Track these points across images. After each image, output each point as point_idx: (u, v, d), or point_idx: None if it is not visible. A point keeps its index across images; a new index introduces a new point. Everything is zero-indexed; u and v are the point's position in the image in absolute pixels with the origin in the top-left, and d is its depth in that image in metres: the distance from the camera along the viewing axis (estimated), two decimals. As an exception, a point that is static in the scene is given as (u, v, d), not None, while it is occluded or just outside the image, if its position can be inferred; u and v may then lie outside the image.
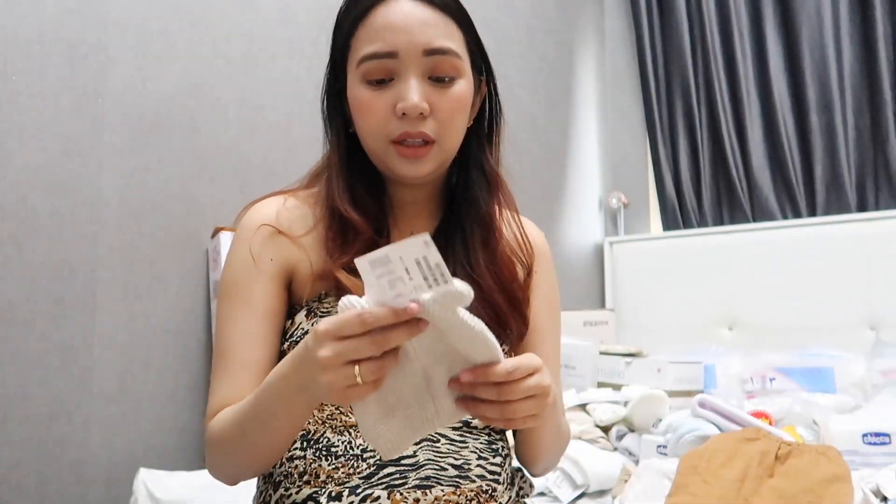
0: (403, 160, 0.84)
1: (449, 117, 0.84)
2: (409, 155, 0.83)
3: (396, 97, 0.82)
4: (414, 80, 0.82)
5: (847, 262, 2.36)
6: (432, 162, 0.85)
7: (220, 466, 0.84)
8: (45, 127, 1.53)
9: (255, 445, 0.77)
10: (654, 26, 2.99)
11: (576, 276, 2.85)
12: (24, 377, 1.48)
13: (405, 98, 0.81)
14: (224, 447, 0.81)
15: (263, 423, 0.74)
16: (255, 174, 1.86)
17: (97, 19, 1.63)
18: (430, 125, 0.83)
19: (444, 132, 0.84)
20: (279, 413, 0.72)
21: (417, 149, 0.83)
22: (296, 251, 0.87)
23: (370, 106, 0.83)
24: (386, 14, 0.83)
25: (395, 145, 0.83)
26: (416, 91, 0.82)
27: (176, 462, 1.65)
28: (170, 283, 1.71)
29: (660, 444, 1.58)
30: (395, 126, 0.83)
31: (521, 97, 2.72)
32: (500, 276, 0.90)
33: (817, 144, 2.57)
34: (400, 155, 0.84)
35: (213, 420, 0.83)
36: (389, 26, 0.82)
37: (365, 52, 0.83)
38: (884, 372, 1.87)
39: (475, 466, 0.84)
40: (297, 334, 0.85)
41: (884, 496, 1.24)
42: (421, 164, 0.84)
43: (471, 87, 0.88)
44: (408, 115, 0.82)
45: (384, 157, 0.85)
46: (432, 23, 0.83)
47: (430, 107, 0.82)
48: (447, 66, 0.84)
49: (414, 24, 0.82)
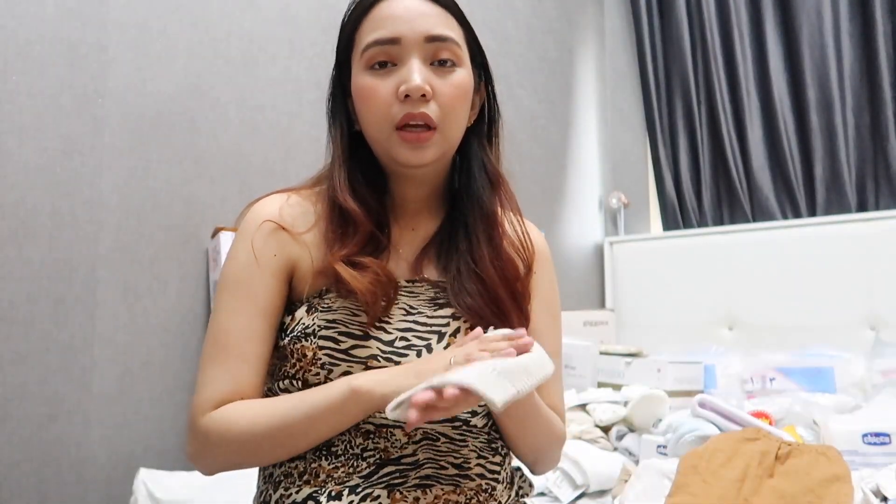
0: (406, 146, 0.85)
1: (450, 102, 0.86)
2: (412, 139, 0.85)
3: (399, 81, 0.85)
4: (416, 62, 0.85)
5: (847, 262, 2.36)
6: (434, 149, 0.86)
7: (213, 458, 0.83)
8: (45, 127, 1.54)
9: (293, 445, 0.81)
10: (654, 26, 2.99)
11: (576, 276, 2.85)
12: (24, 377, 1.48)
13: (408, 80, 0.84)
14: (245, 442, 0.80)
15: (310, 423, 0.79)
16: (255, 174, 1.86)
17: (97, 19, 1.63)
18: (432, 108, 0.85)
19: (445, 118, 0.86)
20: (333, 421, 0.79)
21: (420, 133, 0.85)
22: (297, 247, 0.88)
23: (373, 91, 0.86)
24: (389, 6, 0.87)
25: (399, 132, 0.85)
26: (419, 73, 0.84)
27: (176, 462, 1.65)
28: (170, 283, 1.71)
29: (660, 444, 1.58)
30: (397, 109, 0.84)
31: (521, 97, 2.72)
32: (503, 271, 0.91)
33: (817, 144, 2.57)
34: (403, 140, 0.85)
35: (218, 413, 0.82)
36: (392, 16, 0.86)
37: (368, 39, 0.86)
38: (884, 372, 1.87)
39: (475, 465, 0.84)
40: (298, 330, 0.85)
41: (884, 496, 1.24)
42: (423, 151, 0.86)
43: (471, 78, 0.90)
44: (411, 96, 0.84)
45: (387, 145, 0.87)
46: (433, 14, 0.87)
47: (433, 90, 0.85)
48: (448, 52, 0.87)
49: (416, 14, 0.86)
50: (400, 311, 0.86)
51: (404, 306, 0.87)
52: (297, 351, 0.84)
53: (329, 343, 0.83)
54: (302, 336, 0.84)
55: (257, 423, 0.80)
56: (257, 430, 0.80)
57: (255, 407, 0.82)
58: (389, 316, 0.85)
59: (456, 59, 0.87)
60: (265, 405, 0.82)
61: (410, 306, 0.87)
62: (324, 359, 0.83)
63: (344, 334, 0.83)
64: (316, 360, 0.83)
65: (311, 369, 0.83)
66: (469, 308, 0.87)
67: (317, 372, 0.83)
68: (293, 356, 0.85)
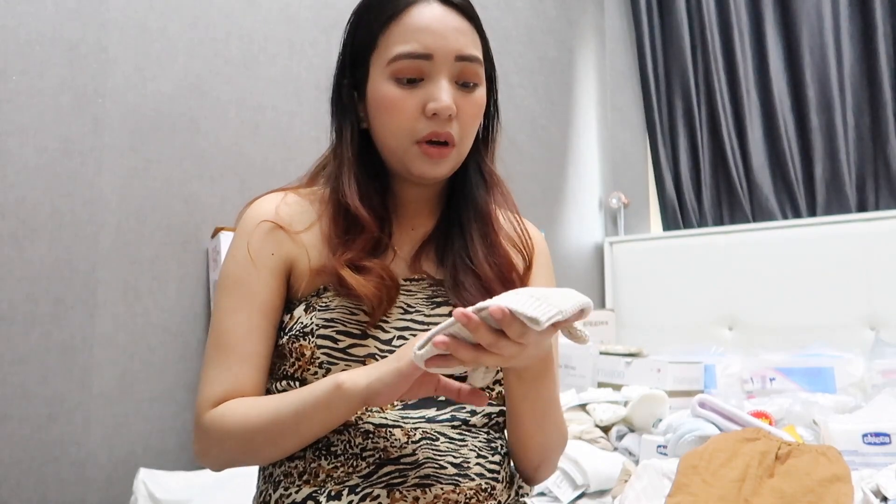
0: (426, 160, 0.86)
1: (470, 122, 0.88)
2: (435, 155, 0.85)
3: (427, 97, 0.85)
4: (445, 82, 0.85)
5: (847, 262, 2.36)
6: (450, 164, 0.88)
7: (215, 454, 0.85)
8: (45, 127, 1.54)
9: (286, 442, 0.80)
10: (654, 26, 2.99)
11: (576, 276, 2.85)
12: (24, 377, 1.48)
13: (438, 99, 0.84)
14: (238, 437, 0.81)
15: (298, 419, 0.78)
16: (255, 174, 1.86)
17: (97, 19, 1.63)
18: (454, 127, 0.86)
19: (463, 136, 0.88)
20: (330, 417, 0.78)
21: (442, 149, 0.86)
22: (294, 246, 0.88)
23: (400, 104, 0.85)
24: (421, 16, 0.85)
25: (420, 145, 0.85)
26: (448, 93, 0.84)
27: (176, 462, 1.65)
28: (170, 283, 1.71)
29: (660, 444, 1.58)
30: (423, 126, 0.85)
31: (521, 97, 2.72)
32: (499, 266, 0.91)
33: (817, 144, 2.57)
34: (424, 154, 0.85)
35: (218, 410, 0.83)
36: (427, 28, 0.85)
37: (399, 51, 0.85)
38: (884, 372, 1.87)
39: (474, 465, 0.84)
40: (296, 328, 0.85)
41: (884, 496, 1.24)
42: (441, 166, 0.87)
43: (485, 94, 0.91)
44: (439, 115, 0.84)
45: (404, 157, 0.87)
46: (464, 30, 0.87)
47: (457, 110, 0.85)
48: (472, 73, 0.87)
49: (449, 30, 0.85)
50: (398, 310, 0.86)
51: (402, 304, 0.87)
52: (296, 350, 0.84)
53: (327, 342, 0.83)
54: (300, 335, 0.84)
55: (249, 418, 0.81)
56: (249, 426, 0.80)
57: (249, 403, 0.82)
58: (388, 315, 0.86)
59: (478, 80, 0.88)
60: (258, 402, 0.82)
61: (408, 304, 0.87)
62: (322, 358, 0.83)
63: (342, 333, 0.83)
64: (314, 360, 0.83)
65: (310, 368, 0.84)
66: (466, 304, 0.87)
67: (315, 371, 0.83)
68: (291, 355, 0.85)
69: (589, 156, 3.05)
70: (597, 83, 3.14)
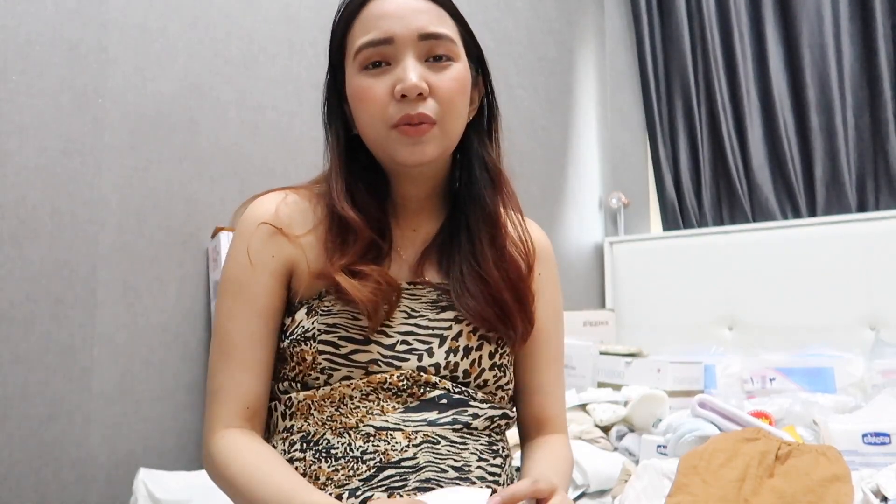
0: (405, 141, 0.83)
1: (448, 97, 0.84)
2: (412, 133, 0.82)
3: (395, 80, 0.83)
4: (411, 61, 0.83)
5: (847, 262, 2.36)
6: (434, 144, 0.84)
7: (215, 482, 0.85)
8: (45, 127, 1.53)
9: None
10: (654, 26, 2.99)
11: (576, 276, 2.85)
12: (24, 377, 1.47)
13: (403, 79, 0.82)
14: (227, 488, 0.82)
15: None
16: (255, 174, 1.86)
17: (97, 19, 1.62)
18: (430, 106, 0.83)
19: (444, 113, 0.84)
20: None
21: (419, 127, 0.82)
22: (294, 249, 0.87)
23: (369, 92, 0.84)
24: (379, 5, 0.85)
25: (397, 128, 0.83)
26: (414, 71, 0.82)
27: (176, 462, 1.65)
28: (170, 283, 1.71)
29: (660, 444, 1.58)
30: (394, 110, 0.83)
31: (521, 97, 2.71)
32: (507, 273, 0.90)
33: (817, 144, 2.57)
34: (403, 135, 0.83)
35: (224, 443, 0.83)
36: (384, 15, 0.84)
37: (361, 41, 0.84)
38: (884, 372, 1.87)
39: (475, 468, 0.83)
40: (298, 332, 0.85)
41: (884, 496, 1.23)
42: (423, 146, 0.83)
43: (468, 72, 0.88)
44: (407, 95, 0.82)
45: (385, 145, 0.85)
46: (425, 10, 0.85)
47: (429, 87, 0.83)
48: (443, 48, 0.85)
49: (407, 12, 0.84)
50: (401, 315, 0.86)
51: (406, 309, 0.86)
52: (297, 354, 0.84)
53: (329, 348, 0.83)
54: (301, 339, 0.84)
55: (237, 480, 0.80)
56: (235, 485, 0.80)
57: (248, 461, 0.80)
58: (391, 320, 0.85)
59: (451, 55, 0.85)
60: (252, 466, 0.80)
61: (412, 309, 0.87)
62: (324, 363, 0.83)
63: (344, 339, 0.83)
64: (316, 365, 0.83)
65: (311, 373, 0.83)
66: (472, 311, 0.87)
67: (316, 376, 0.83)
68: (293, 359, 0.85)
69: (589, 156, 3.05)
70: (597, 83, 3.13)
